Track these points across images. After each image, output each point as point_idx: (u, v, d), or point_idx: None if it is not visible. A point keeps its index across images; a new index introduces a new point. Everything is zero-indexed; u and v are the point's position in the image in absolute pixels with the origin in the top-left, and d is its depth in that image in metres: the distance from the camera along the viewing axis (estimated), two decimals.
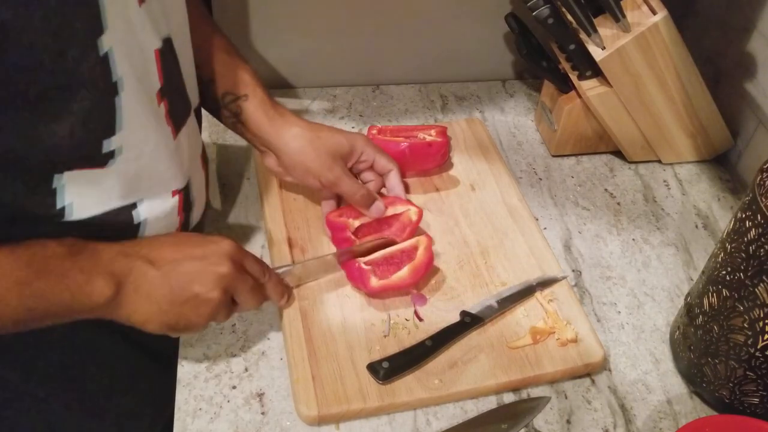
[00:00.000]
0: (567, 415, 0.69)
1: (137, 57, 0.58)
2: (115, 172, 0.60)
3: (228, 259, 0.62)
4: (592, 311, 0.79)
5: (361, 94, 1.07)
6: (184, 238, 0.64)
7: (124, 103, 0.57)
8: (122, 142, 0.59)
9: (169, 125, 0.65)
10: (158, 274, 0.60)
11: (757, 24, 0.91)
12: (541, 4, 0.84)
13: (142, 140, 0.61)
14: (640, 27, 0.84)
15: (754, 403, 0.66)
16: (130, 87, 0.57)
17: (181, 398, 0.67)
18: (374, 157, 0.80)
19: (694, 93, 0.91)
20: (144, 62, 0.59)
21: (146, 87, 0.60)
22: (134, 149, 0.61)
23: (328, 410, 0.65)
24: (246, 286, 0.64)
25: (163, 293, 0.60)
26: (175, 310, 0.61)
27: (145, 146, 0.62)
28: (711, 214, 0.92)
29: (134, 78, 0.57)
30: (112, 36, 0.53)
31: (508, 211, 0.86)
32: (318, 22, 1.01)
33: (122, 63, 0.55)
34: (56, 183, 0.58)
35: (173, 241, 0.63)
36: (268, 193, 0.86)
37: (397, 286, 0.73)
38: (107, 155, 0.59)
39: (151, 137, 0.62)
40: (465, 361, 0.70)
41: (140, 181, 0.64)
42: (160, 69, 0.61)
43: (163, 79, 0.62)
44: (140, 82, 0.58)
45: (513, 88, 1.12)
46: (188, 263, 0.61)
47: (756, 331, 0.61)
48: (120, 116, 0.57)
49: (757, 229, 0.59)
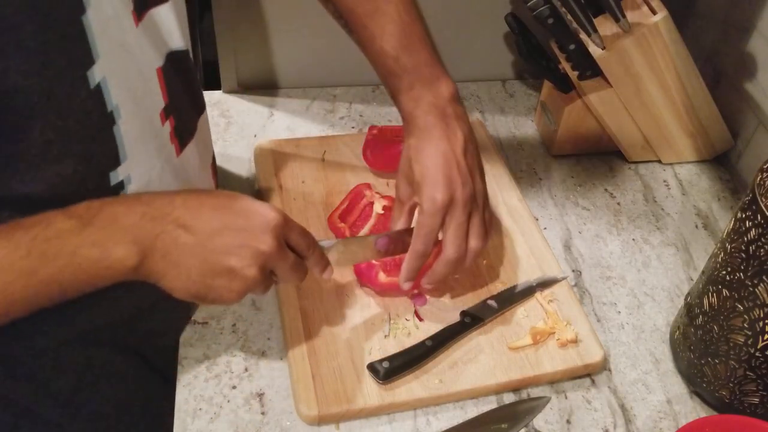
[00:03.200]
0: (567, 415, 0.69)
1: (135, 80, 0.56)
2: None
3: (271, 235, 0.56)
4: (592, 311, 0.79)
5: (361, 94, 1.07)
6: (225, 203, 0.57)
7: (123, 131, 0.55)
8: (129, 171, 0.57)
9: (173, 142, 0.62)
10: (192, 242, 0.54)
11: (757, 24, 0.91)
12: (541, 4, 0.84)
13: (148, 166, 0.59)
14: (640, 27, 0.84)
15: (754, 403, 0.66)
16: (128, 113, 0.55)
17: (181, 398, 0.67)
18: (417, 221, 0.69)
19: (694, 93, 0.91)
20: (144, 84, 0.57)
21: (147, 109, 0.58)
22: (142, 177, 0.58)
23: (328, 410, 0.65)
24: (287, 264, 0.59)
25: (195, 263, 0.55)
26: (206, 282, 0.56)
27: (152, 171, 0.59)
28: (711, 214, 0.92)
29: (132, 103, 0.55)
30: (105, 65, 0.51)
31: (508, 211, 0.86)
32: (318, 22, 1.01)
33: (117, 90, 0.53)
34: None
35: (213, 204, 0.57)
36: (268, 193, 0.86)
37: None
38: (117, 187, 0.56)
39: (155, 161, 0.60)
40: (465, 361, 0.70)
41: None
42: (163, 87, 0.59)
43: (168, 97, 0.60)
44: (139, 105, 0.57)
45: (513, 88, 1.12)
46: (227, 234, 0.55)
47: (756, 331, 0.61)
48: (122, 145, 0.55)
49: (757, 229, 0.59)
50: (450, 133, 0.66)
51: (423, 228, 0.66)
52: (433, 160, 0.65)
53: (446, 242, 0.66)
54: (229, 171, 0.92)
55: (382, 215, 0.80)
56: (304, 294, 0.74)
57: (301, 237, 0.60)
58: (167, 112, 0.61)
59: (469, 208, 0.66)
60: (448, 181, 0.65)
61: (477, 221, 0.66)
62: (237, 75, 1.04)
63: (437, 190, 0.64)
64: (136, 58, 0.56)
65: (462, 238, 0.66)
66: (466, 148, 0.66)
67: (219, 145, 0.95)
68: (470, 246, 0.67)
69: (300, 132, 0.99)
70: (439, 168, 0.65)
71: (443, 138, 0.66)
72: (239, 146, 0.95)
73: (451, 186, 0.65)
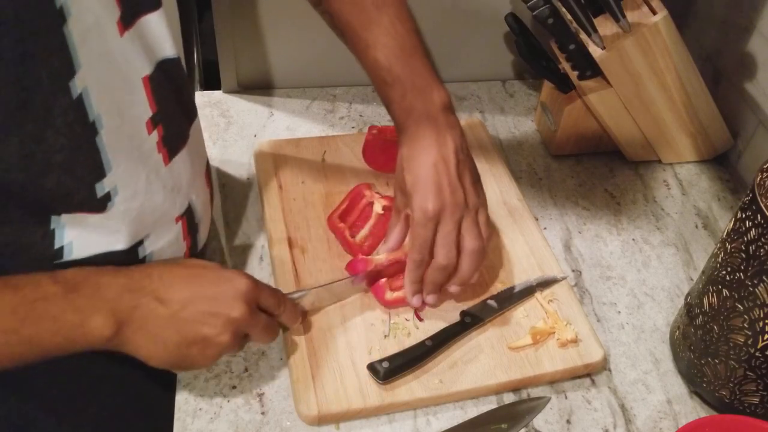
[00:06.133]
0: (567, 415, 0.69)
1: (118, 90, 0.55)
2: (117, 215, 0.58)
3: (242, 301, 0.59)
4: (592, 311, 0.79)
5: (361, 94, 1.07)
6: (197, 272, 0.60)
7: (106, 141, 0.55)
8: (116, 182, 0.57)
9: (161, 152, 0.62)
10: (166, 314, 0.57)
11: (757, 24, 0.91)
12: (541, 4, 0.84)
13: (133, 176, 0.59)
14: (640, 27, 0.84)
15: (754, 403, 0.66)
16: (110, 123, 0.55)
17: (181, 398, 0.67)
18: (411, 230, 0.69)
19: (694, 93, 0.91)
20: (128, 93, 0.57)
21: (131, 119, 0.58)
22: (128, 188, 0.58)
23: (328, 410, 0.65)
24: (259, 326, 0.62)
25: (170, 334, 0.57)
26: (181, 352, 0.58)
27: (138, 182, 0.59)
28: (711, 214, 0.92)
29: (115, 113, 0.55)
30: (86, 75, 0.51)
31: (508, 211, 0.86)
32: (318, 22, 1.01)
33: (99, 100, 0.53)
34: (54, 224, 0.56)
35: (186, 275, 0.60)
36: (268, 193, 0.86)
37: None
38: (104, 199, 0.57)
39: (140, 172, 0.59)
40: (465, 361, 0.70)
41: (143, 219, 0.61)
42: (150, 96, 0.59)
43: (156, 105, 0.60)
44: (122, 116, 0.56)
45: (513, 88, 1.12)
46: (199, 303, 0.58)
47: (756, 331, 0.61)
48: (105, 156, 0.55)
49: (757, 229, 0.59)
50: (441, 142, 0.66)
51: (417, 238, 0.66)
52: (423, 169, 0.66)
53: (436, 248, 0.66)
54: (229, 171, 0.92)
55: (382, 215, 0.80)
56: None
57: (271, 297, 0.63)
58: (155, 121, 0.60)
59: (459, 214, 0.66)
60: (438, 190, 0.65)
61: (469, 224, 0.66)
62: (237, 75, 1.04)
63: (427, 200, 0.65)
64: (119, 68, 0.55)
65: (451, 244, 0.66)
66: (457, 156, 0.67)
67: (219, 145, 0.95)
68: (465, 246, 0.67)
69: (300, 132, 0.99)
70: (429, 177, 0.65)
71: (433, 147, 0.66)
72: (239, 146, 0.95)
73: (441, 194, 0.65)
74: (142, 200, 0.60)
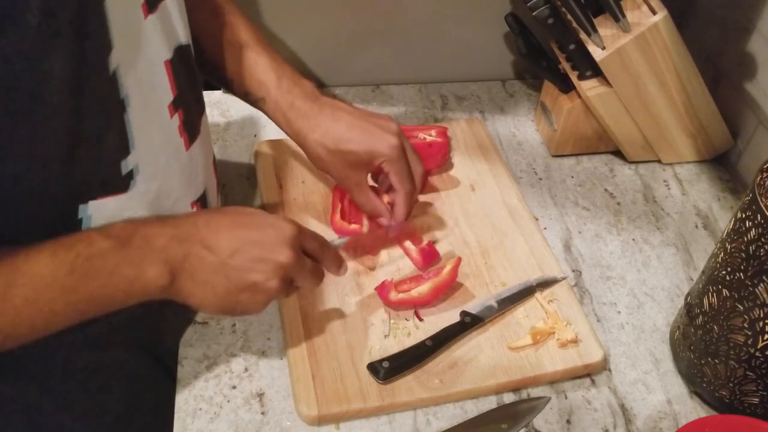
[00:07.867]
0: (567, 415, 0.69)
1: (144, 71, 0.57)
2: (137, 196, 0.59)
3: (288, 246, 0.60)
4: (592, 311, 0.79)
5: (361, 94, 1.07)
6: (242, 220, 0.61)
7: (132, 119, 0.56)
8: (138, 160, 0.58)
9: (182, 136, 0.63)
10: (216, 261, 0.57)
11: (757, 24, 0.91)
12: (541, 4, 0.84)
13: (153, 157, 0.60)
14: (640, 27, 0.84)
15: (754, 403, 0.66)
16: (136, 103, 0.56)
17: (181, 398, 0.67)
18: (390, 171, 0.73)
19: (694, 93, 0.91)
20: (153, 76, 0.58)
21: (155, 100, 0.59)
22: (148, 167, 0.59)
23: (328, 410, 0.65)
24: (305, 271, 0.62)
25: (220, 281, 0.58)
26: (232, 298, 0.59)
27: (157, 163, 0.61)
28: (711, 214, 0.92)
29: (140, 94, 0.56)
30: (118, 53, 0.53)
31: (508, 211, 0.86)
32: (318, 22, 1.01)
33: (128, 80, 0.54)
34: (81, 213, 0.57)
35: (231, 222, 0.60)
36: (268, 193, 0.86)
37: (416, 302, 0.73)
38: (127, 177, 0.58)
39: (160, 153, 0.61)
40: (465, 361, 0.70)
41: (161, 202, 0.62)
42: (172, 80, 0.60)
43: (176, 90, 0.61)
44: (146, 97, 0.58)
45: (513, 88, 1.12)
46: (247, 250, 0.58)
47: (756, 331, 0.61)
48: (131, 133, 0.57)
49: (757, 229, 0.59)
50: (333, 104, 0.73)
51: (404, 170, 0.73)
52: (349, 122, 0.72)
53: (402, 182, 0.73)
54: (229, 171, 0.92)
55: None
56: (303, 294, 0.74)
57: (315, 242, 0.64)
58: (176, 105, 0.61)
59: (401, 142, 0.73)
60: (380, 128, 0.72)
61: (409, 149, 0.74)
62: None
63: (384, 138, 0.71)
64: (145, 49, 0.57)
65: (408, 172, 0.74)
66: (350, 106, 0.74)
67: (219, 145, 0.95)
68: (417, 171, 0.75)
69: None
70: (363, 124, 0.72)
71: (333, 108, 0.73)
72: (239, 146, 0.95)
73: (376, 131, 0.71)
74: (160, 182, 0.61)
